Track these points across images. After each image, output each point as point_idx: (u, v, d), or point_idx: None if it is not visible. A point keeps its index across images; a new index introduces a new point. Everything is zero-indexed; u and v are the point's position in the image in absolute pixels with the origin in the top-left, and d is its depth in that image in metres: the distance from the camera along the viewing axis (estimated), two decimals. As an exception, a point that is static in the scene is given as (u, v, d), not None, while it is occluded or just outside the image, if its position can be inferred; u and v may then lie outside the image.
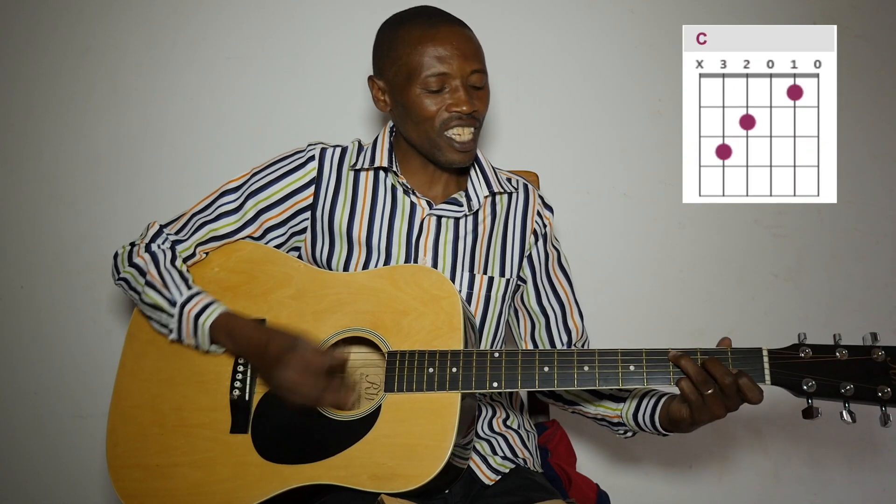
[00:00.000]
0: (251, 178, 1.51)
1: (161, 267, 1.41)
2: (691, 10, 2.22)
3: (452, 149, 1.43)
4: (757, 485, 2.28)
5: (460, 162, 1.45)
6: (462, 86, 1.40)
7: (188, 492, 1.34)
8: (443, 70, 1.38)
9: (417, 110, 1.41)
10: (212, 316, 1.35)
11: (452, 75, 1.39)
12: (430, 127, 1.41)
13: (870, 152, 2.25)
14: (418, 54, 1.39)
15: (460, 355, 1.30)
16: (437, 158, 1.46)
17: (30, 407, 2.21)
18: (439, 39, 1.39)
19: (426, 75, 1.39)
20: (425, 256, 1.49)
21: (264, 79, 2.19)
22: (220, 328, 1.35)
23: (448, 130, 1.41)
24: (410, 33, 1.41)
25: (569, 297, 1.59)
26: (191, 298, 1.37)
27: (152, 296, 1.39)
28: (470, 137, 1.43)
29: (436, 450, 1.25)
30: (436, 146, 1.44)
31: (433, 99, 1.40)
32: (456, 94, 1.40)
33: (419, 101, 1.40)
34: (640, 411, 1.45)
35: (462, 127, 1.41)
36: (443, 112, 1.40)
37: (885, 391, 1.16)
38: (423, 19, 1.42)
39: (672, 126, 2.02)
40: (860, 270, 2.27)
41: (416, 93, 1.40)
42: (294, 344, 1.28)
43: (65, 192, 2.19)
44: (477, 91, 1.43)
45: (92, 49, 2.18)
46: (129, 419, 1.41)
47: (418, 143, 1.46)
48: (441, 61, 1.38)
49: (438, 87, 1.39)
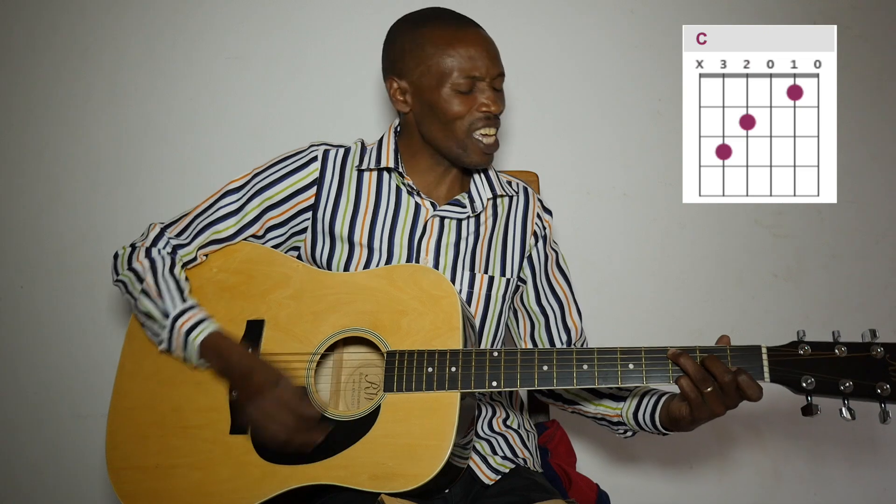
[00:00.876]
0: (253, 178, 1.51)
1: (158, 275, 1.41)
2: (691, 10, 2.22)
3: (479, 150, 1.45)
4: (757, 483, 2.28)
5: (484, 164, 1.48)
6: (489, 87, 1.43)
7: (188, 492, 1.33)
8: (474, 72, 1.41)
9: (447, 110, 1.43)
10: (202, 333, 1.36)
11: (481, 76, 1.42)
12: (459, 127, 1.43)
13: (870, 152, 2.25)
14: (449, 55, 1.41)
15: (459, 355, 1.30)
16: (462, 159, 1.47)
17: (30, 407, 2.21)
18: (469, 41, 1.42)
19: (457, 76, 1.41)
20: (427, 257, 1.49)
21: (264, 79, 2.19)
22: (209, 346, 1.36)
23: (476, 132, 1.44)
24: (439, 34, 1.43)
25: (567, 296, 1.59)
26: (184, 313, 1.37)
27: (146, 304, 1.39)
28: (494, 140, 1.46)
29: (436, 449, 1.25)
30: (462, 146, 1.45)
31: (462, 99, 1.42)
32: (485, 94, 1.43)
33: (449, 101, 1.42)
34: (641, 410, 1.45)
35: (488, 128, 1.44)
36: (473, 112, 1.43)
37: (885, 388, 1.15)
38: (451, 21, 1.45)
39: (672, 126, 2.02)
40: (860, 270, 2.27)
41: (445, 93, 1.42)
42: (277, 380, 1.29)
43: (65, 192, 2.19)
44: (498, 93, 1.46)
45: (92, 49, 2.18)
46: (128, 420, 1.40)
47: (443, 144, 1.47)
48: (472, 62, 1.41)
49: (468, 88, 1.42)
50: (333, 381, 1.45)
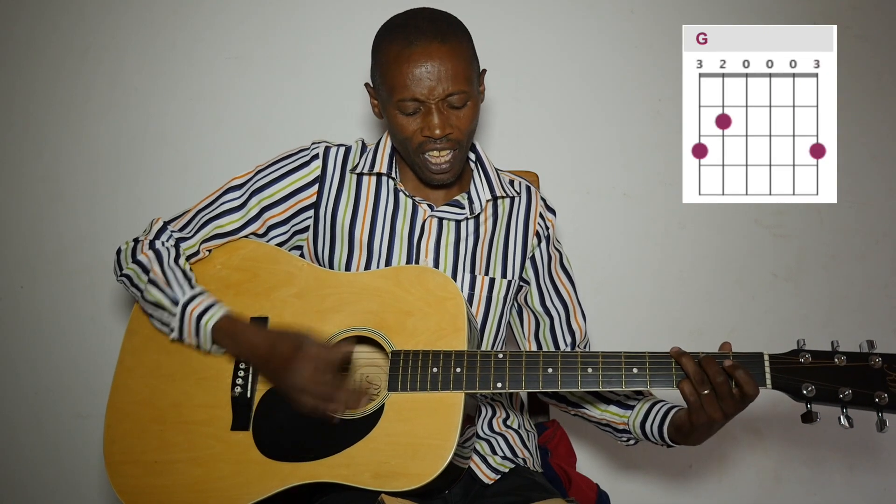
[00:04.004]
0: (255, 175, 1.50)
1: (164, 265, 1.41)
2: (691, 10, 2.22)
3: (429, 170, 1.42)
4: (757, 485, 2.28)
5: (439, 181, 1.45)
6: (436, 109, 1.36)
7: (188, 489, 1.33)
8: (414, 94, 1.35)
9: (396, 129, 1.41)
10: (214, 317, 1.35)
11: (424, 99, 1.35)
12: (409, 146, 1.41)
13: (870, 152, 2.25)
14: (393, 75, 1.35)
15: (464, 356, 1.30)
16: (419, 175, 1.47)
17: (30, 407, 2.21)
18: (413, 60, 1.34)
19: (398, 98, 1.36)
20: (426, 258, 1.49)
21: (264, 79, 2.19)
22: (222, 330, 1.35)
23: (424, 153, 1.41)
24: (389, 50, 1.37)
25: (572, 298, 1.59)
26: (193, 298, 1.36)
27: (154, 294, 1.38)
28: (447, 159, 1.41)
29: (439, 449, 1.25)
30: (415, 165, 1.44)
31: (408, 120, 1.38)
32: (427, 117, 1.36)
33: (396, 120, 1.39)
34: (649, 421, 1.45)
35: (438, 150, 1.40)
36: (418, 134, 1.39)
37: (882, 397, 1.17)
38: (402, 36, 1.36)
39: (672, 126, 2.02)
40: (860, 271, 2.27)
41: (392, 112, 1.39)
42: (301, 342, 1.28)
43: (65, 192, 2.19)
44: (456, 111, 1.38)
45: (92, 49, 2.18)
46: (127, 415, 1.40)
47: (405, 158, 1.46)
48: (415, 84, 1.34)
49: (413, 109, 1.37)
50: (334, 380, 1.45)
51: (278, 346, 1.29)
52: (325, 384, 1.26)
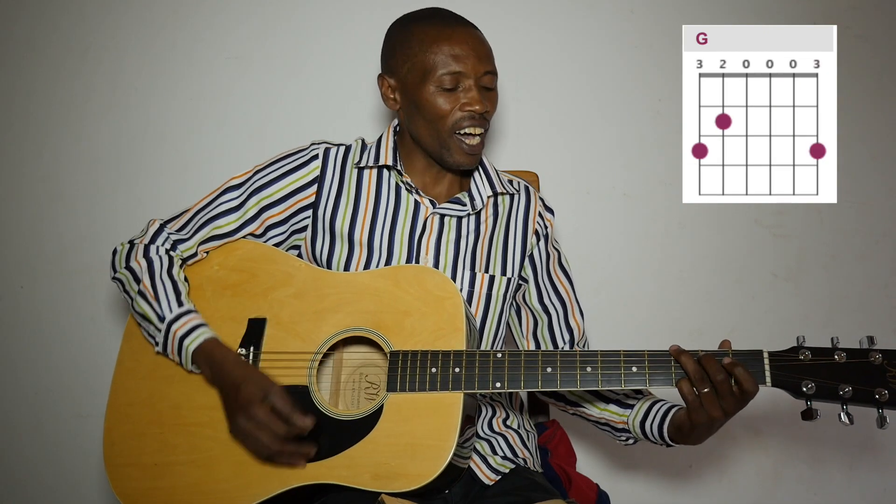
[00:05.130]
0: (254, 175, 1.50)
1: (156, 277, 1.41)
2: (691, 10, 2.22)
3: (461, 150, 1.45)
4: (757, 484, 2.28)
5: (467, 164, 1.47)
6: (475, 85, 1.42)
7: (187, 491, 1.33)
8: (458, 69, 1.40)
9: (431, 108, 1.42)
10: (196, 340, 1.35)
11: (467, 74, 1.41)
12: (442, 126, 1.43)
13: (869, 152, 2.25)
14: (433, 52, 1.41)
15: (463, 355, 1.30)
16: (445, 159, 1.47)
17: (30, 407, 2.21)
18: (455, 39, 1.41)
19: (441, 73, 1.40)
20: (427, 255, 1.49)
21: (264, 79, 2.19)
22: (202, 354, 1.35)
23: (459, 131, 1.43)
24: (426, 32, 1.43)
25: (570, 295, 1.59)
26: (179, 317, 1.37)
27: (143, 306, 1.39)
28: (478, 141, 1.45)
29: (438, 449, 1.25)
30: (445, 146, 1.45)
31: (446, 97, 1.42)
32: (469, 93, 1.42)
33: (433, 98, 1.42)
34: (649, 420, 1.45)
35: (473, 127, 1.43)
36: (455, 111, 1.42)
37: (883, 394, 1.17)
38: (438, 19, 1.45)
39: (672, 126, 2.02)
40: (860, 270, 2.27)
41: (430, 90, 1.42)
42: (265, 395, 1.27)
43: (65, 192, 2.19)
44: (488, 92, 1.45)
45: (92, 49, 2.18)
46: (126, 417, 1.40)
47: (428, 142, 1.47)
48: (456, 60, 1.40)
49: (452, 85, 1.41)
50: (333, 380, 1.45)
51: (243, 388, 1.28)
52: (263, 447, 1.27)
